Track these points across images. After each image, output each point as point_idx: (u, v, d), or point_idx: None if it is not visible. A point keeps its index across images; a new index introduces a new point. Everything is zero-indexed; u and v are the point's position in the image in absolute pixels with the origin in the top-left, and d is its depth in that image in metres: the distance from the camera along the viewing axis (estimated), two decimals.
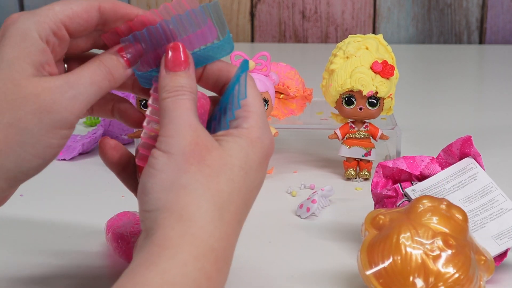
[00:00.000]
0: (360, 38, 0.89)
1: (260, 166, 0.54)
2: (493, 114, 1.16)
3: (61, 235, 0.75)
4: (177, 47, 0.55)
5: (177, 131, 0.52)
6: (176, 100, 0.53)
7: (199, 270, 0.49)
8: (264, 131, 0.55)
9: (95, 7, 0.56)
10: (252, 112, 0.55)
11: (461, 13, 1.58)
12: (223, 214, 0.51)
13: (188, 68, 0.55)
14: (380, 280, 0.61)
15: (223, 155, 0.52)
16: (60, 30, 0.54)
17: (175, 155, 0.51)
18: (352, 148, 0.89)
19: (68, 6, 0.55)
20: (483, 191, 0.71)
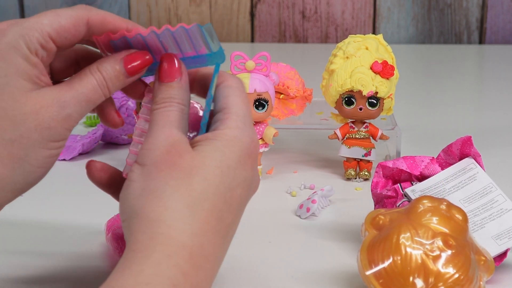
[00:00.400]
0: (360, 38, 0.89)
1: (240, 164, 0.54)
2: (493, 114, 1.16)
3: (61, 235, 0.75)
4: (170, 58, 0.57)
5: (154, 143, 0.54)
6: (162, 112, 0.55)
7: (173, 267, 0.49)
8: (243, 131, 0.55)
9: (84, 21, 0.56)
10: (230, 114, 0.55)
11: (461, 13, 1.58)
12: (195, 212, 0.51)
13: (180, 79, 0.56)
14: (380, 280, 0.61)
15: (195, 157, 0.53)
16: (48, 43, 0.55)
17: (148, 165, 0.53)
18: (352, 148, 0.89)
19: (57, 20, 0.55)
20: (483, 191, 0.71)
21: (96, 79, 0.56)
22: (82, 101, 0.55)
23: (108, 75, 0.56)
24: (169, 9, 1.58)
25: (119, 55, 0.57)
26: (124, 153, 0.98)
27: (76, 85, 0.56)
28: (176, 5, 1.58)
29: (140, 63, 0.57)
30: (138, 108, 0.88)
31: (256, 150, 0.56)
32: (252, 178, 0.56)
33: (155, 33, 0.56)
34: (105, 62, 0.57)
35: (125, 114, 0.99)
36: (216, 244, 0.52)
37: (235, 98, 0.56)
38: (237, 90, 0.57)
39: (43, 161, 0.55)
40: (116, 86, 0.57)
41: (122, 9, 1.58)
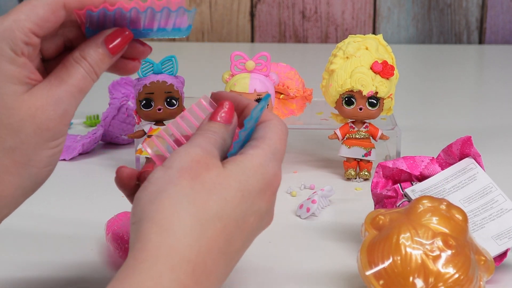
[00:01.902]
0: (360, 38, 0.89)
1: (260, 193, 0.54)
2: (493, 114, 1.16)
3: (61, 235, 0.75)
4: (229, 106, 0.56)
5: (187, 150, 0.53)
6: (203, 135, 0.55)
7: (174, 281, 0.49)
8: (270, 161, 0.55)
9: (61, 5, 0.55)
10: (264, 144, 0.55)
11: (461, 13, 1.58)
12: (206, 230, 0.51)
13: (229, 125, 0.56)
14: (380, 281, 0.61)
15: (222, 175, 0.52)
16: (31, 38, 0.54)
17: (172, 169, 0.52)
18: (352, 148, 0.89)
19: (34, 12, 0.54)
20: (483, 191, 0.71)
21: (83, 67, 0.56)
22: (75, 92, 0.55)
23: (93, 60, 0.56)
24: None
25: (99, 37, 0.56)
26: (124, 153, 0.98)
27: (66, 77, 0.55)
28: None
29: (121, 41, 0.57)
30: (138, 108, 0.88)
31: (277, 185, 0.55)
32: (266, 210, 0.55)
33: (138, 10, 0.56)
34: (87, 47, 0.56)
35: (125, 114, 0.99)
36: (219, 265, 0.52)
37: (274, 134, 0.56)
38: (279, 130, 0.57)
39: (47, 161, 0.55)
40: (102, 68, 0.57)
41: None
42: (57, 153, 0.56)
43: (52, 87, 0.55)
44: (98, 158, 0.96)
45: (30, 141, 0.54)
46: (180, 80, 0.89)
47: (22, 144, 0.54)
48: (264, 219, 0.55)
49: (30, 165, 0.54)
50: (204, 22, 1.59)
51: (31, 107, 0.54)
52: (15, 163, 0.54)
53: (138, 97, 0.87)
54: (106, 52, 0.56)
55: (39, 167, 0.55)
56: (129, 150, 0.99)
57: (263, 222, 0.56)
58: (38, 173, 0.55)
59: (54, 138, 0.55)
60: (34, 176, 0.55)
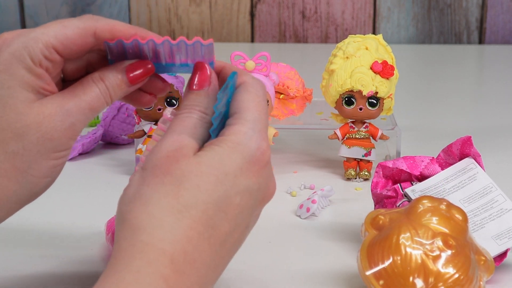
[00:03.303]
0: (360, 38, 0.89)
1: (242, 172, 0.53)
2: (493, 114, 1.16)
3: (61, 235, 0.76)
4: (202, 67, 0.56)
5: (159, 147, 0.53)
6: (180, 118, 0.55)
7: (153, 273, 0.49)
8: (249, 137, 0.53)
9: (91, 32, 0.55)
10: (239, 119, 0.54)
11: (461, 13, 1.58)
12: (180, 219, 0.51)
13: (208, 87, 0.56)
14: (380, 281, 0.61)
15: (192, 163, 0.52)
16: (52, 54, 0.55)
17: (147, 170, 0.53)
18: (352, 148, 0.89)
19: (63, 31, 0.55)
20: (483, 191, 0.71)
21: (99, 87, 0.56)
22: (85, 109, 0.55)
23: (110, 83, 0.56)
24: (169, 9, 1.58)
25: (122, 64, 0.57)
26: (124, 153, 0.98)
27: (79, 92, 0.55)
28: (176, 5, 1.58)
29: (142, 72, 0.57)
30: (138, 108, 0.88)
31: (264, 157, 0.54)
32: (258, 186, 0.54)
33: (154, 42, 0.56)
34: (107, 71, 0.57)
35: (125, 114, 0.99)
36: (203, 251, 0.51)
37: (249, 103, 0.55)
38: (254, 95, 0.55)
39: (47, 172, 0.55)
40: (118, 94, 0.57)
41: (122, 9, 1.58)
42: (58, 166, 0.56)
43: (63, 99, 0.55)
44: (98, 158, 0.96)
45: (33, 148, 0.54)
46: (180, 80, 0.89)
47: (24, 150, 0.54)
48: (256, 196, 0.54)
49: (29, 172, 0.54)
50: (204, 22, 1.59)
51: (39, 114, 0.54)
52: (14, 169, 0.54)
53: None
54: (125, 80, 0.57)
55: (38, 176, 0.55)
56: (129, 150, 0.99)
57: (256, 199, 0.54)
58: (36, 182, 0.55)
59: (57, 149, 0.55)
60: (31, 185, 0.55)
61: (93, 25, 0.56)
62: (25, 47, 0.54)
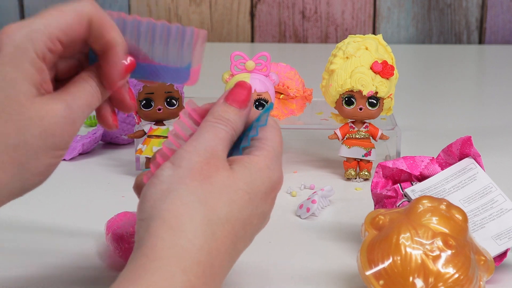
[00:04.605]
0: (360, 38, 0.89)
1: (265, 196, 0.55)
2: (493, 114, 1.16)
3: (61, 235, 0.75)
4: (246, 87, 0.57)
5: (196, 149, 0.53)
6: (214, 126, 0.55)
7: (186, 282, 0.49)
8: (274, 165, 0.55)
9: (86, 19, 0.55)
10: (267, 145, 0.56)
11: (461, 13, 1.58)
12: (216, 231, 0.51)
13: (243, 109, 0.56)
14: (380, 281, 0.61)
15: (231, 177, 0.53)
16: (55, 45, 0.55)
17: (183, 168, 0.52)
18: (352, 148, 0.89)
19: (63, 18, 0.55)
20: (483, 191, 0.71)
21: (90, 85, 0.56)
22: (84, 106, 0.55)
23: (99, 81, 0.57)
24: (169, 9, 1.58)
25: None
26: (124, 153, 0.98)
27: (75, 90, 0.56)
28: (176, 5, 1.58)
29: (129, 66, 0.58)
30: (138, 108, 0.88)
31: (279, 187, 0.56)
32: (268, 213, 0.56)
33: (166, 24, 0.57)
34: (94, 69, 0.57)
35: (125, 114, 0.99)
36: (224, 266, 0.52)
37: (274, 136, 0.57)
38: (277, 130, 0.57)
39: (43, 169, 0.55)
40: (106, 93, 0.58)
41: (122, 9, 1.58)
42: (53, 165, 0.56)
43: (64, 96, 0.55)
44: (98, 158, 0.96)
45: (34, 143, 0.53)
46: None
47: (25, 144, 0.53)
48: (264, 221, 0.56)
49: (25, 167, 0.54)
50: (204, 22, 1.59)
51: (41, 109, 0.54)
52: (12, 161, 0.53)
53: (138, 97, 0.88)
54: None
55: (33, 172, 0.54)
56: (129, 150, 0.99)
57: (262, 225, 0.56)
58: (29, 178, 0.55)
59: (57, 146, 0.55)
60: (24, 180, 0.54)
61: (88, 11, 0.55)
62: (29, 39, 0.54)
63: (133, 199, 0.58)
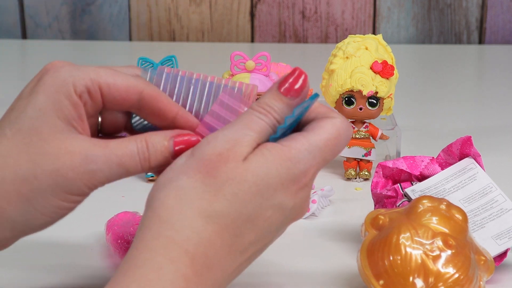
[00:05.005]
0: (360, 38, 0.89)
1: (282, 187, 0.51)
2: (493, 114, 1.16)
3: (61, 235, 0.75)
4: (302, 74, 0.54)
5: (217, 139, 0.51)
6: (253, 114, 0.53)
7: (175, 272, 0.49)
8: (302, 157, 0.52)
9: (138, 91, 0.54)
10: (304, 138, 0.52)
11: (461, 13, 1.58)
12: (208, 224, 0.50)
13: (293, 98, 0.53)
14: (380, 281, 0.61)
15: (238, 169, 0.51)
16: (95, 92, 0.53)
17: (194, 158, 0.51)
18: (352, 148, 0.89)
19: (113, 77, 0.53)
20: (483, 191, 0.71)
21: (138, 146, 0.53)
22: (113, 163, 0.52)
23: (153, 146, 0.53)
24: (169, 9, 1.58)
25: (170, 132, 0.54)
26: None
27: (112, 145, 0.53)
28: (176, 5, 1.58)
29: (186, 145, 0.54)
30: None
31: (307, 181, 0.52)
32: (293, 205, 0.53)
33: None
34: (154, 134, 0.54)
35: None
36: (223, 257, 0.51)
37: (325, 132, 0.53)
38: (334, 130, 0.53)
39: (51, 210, 0.53)
40: (158, 160, 0.54)
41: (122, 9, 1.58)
42: (64, 209, 0.53)
43: (92, 145, 0.52)
44: None
45: (44, 181, 0.51)
46: None
47: (34, 178, 0.51)
48: (289, 214, 0.53)
49: (32, 204, 0.52)
50: (204, 22, 1.59)
51: (60, 148, 0.51)
52: (18, 194, 0.52)
53: None
54: (171, 149, 0.54)
55: (39, 210, 0.52)
56: None
57: (288, 217, 0.53)
58: (35, 217, 0.53)
59: (69, 191, 0.52)
60: (29, 216, 0.52)
61: (142, 85, 0.54)
62: (71, 75, 0.52)
63: (133, 199, 0.58)
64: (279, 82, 0.54)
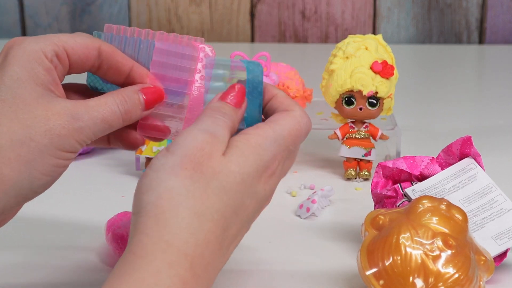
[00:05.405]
0: (360, 38, 0.89)
1: (257, 175, 0.54)
2: (493, 114, 1.16)
3: (61, 235, 0.75)
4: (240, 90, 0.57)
5: (192, 133, 0.53)
6: (212, 115, 0.55)
7: (173, 276, 0.49)
8: (267, 144, 0.54)
9: (96, 47, 0.57)
10: (269, 127, 0.55)
11: (461, 13, 1.58)
12: (203, 222, 0.51)
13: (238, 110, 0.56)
14: (380, 281, 0.61)
15: (223, 162, 0.52)
16: (63, 54, 0.56)
17: (176, 156, 0.52)
18: (352, 148, 0.89)
19: (72, 38, 0.56)
20: (483, 191, 0.71)
21: (117, 102, 0.56)
22: (97, 118, 0.55)
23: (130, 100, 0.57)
24: (169, 9, 1.58)
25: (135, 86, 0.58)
26: (124, 153, 0.98)
27: (93, 102, 0.56)
28: (176, 5, 1.58)
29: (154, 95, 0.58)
30: None
31: (275, 169, 0.55)
32: (265, 193, 0.55)
33: None
34: (125, 89, 0.57)
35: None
36: (216, 254, 0.52)
37: (287, 123, 0.56)
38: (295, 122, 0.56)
39: (50, 169, 0.55)
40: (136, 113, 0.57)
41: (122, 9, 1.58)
42: (61, 167, 0.55)
43: (75, 105, 0.55)
44: (98, 158, 0.96)
45: (40, 140, 0.53)
46: None
47: (31, 140, 0.53)
48: (261, 202, 0.55)
49: (32, 165, 0.54)
50: (204, 22, 1.59)
51: (47, 110, 0.54)
52: (18, 158, 0.53)
53: None
54: (142, 101, 0.57)
55: (40, 171, 0.54)
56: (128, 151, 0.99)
57: (260, 205, 0.55)
58: (37, 177, 0.54)
59: (63, 148, 0.54)
60: (32, 179, 0.54)
61: (98, 42, 0.57)
62: (37, 44, 0.55)
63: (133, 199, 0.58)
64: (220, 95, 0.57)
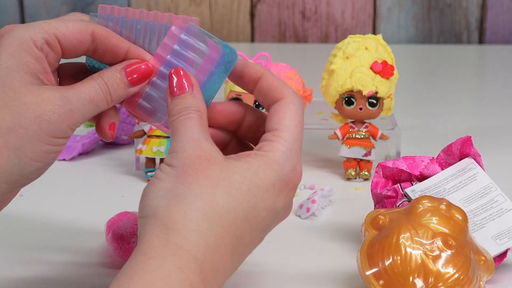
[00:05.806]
0: (360, 38, 0.89)
1: (273, 189, 0.54)
2: (493, 114, 1.16)
3: (61, 236, 0.75)
4: (177, 72, 0.57)
5: (180, 146, 0.53)
6: (180, 120, 0.55)
7: (183, 280, 0.49)
8: (286, 157, 0.55)
9: (89, 31, 0.56)
10: (279, 138, 0.55)
11: (461, 13, 1.58)
12: (213, 226, 0.51)
13: (192, 89, 0.56)
14: (380, 281, 0.61)
15: (225, 170, 0.53)
16: (53, 41, 0.55)
17: (176, 167, 0.52)
18: (352, 148, 0.89)
19: (64, 24, 0.56)
20: (483, 191, 0.71)
21: (98, 83, 0.56)
22: (85, 100, 0.55)
23: (109, 81, 0.57)
24: (169, 9, 1.58)
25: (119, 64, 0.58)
26: (124, 153, 0.98)
27: (79, 85, 0.56)
28: (176, 5, 1.58)
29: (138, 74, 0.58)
30: None
31: (297, 180, 0.56)
32: (283, 206, 0.55)
33: None
34: (105, 70, 0.57)
35: (125, 114, 0.99)
36: (226, 260, 0.52)
37: (290, 122, 0.56)
38: (294, 113, 0.57)
39: (41, 155, 0.54)
40: (118, 93, 0.57)
41: None
42: (53, 153, 0.55)
43: (63, 89, 0.55)
44: (98, 158, 0.96)
45: (30, 127, 0.53)
46: None
47: (20, 127, 0.53)
48: (278, 216, 0.56)
49: (22, 151, 0.53)
50: (204, 22, 1.59)
51: (37, 96, 0.54)
52: (7, 145, 0.53)
53: None
54: (125, 79, 0.57)
55: (30, 157, 0.54)
56: (129, 150, 0.99)
57: (276, 219, 0.56)
58: (28, 163, 0.54)
59: (54, 134, 0.54)
60: (22, 165, 0.54)
61: (91, 26, 0.57)
62: (27, 32, 0.55)
63: (133, 199, 0.58)
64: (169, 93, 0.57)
